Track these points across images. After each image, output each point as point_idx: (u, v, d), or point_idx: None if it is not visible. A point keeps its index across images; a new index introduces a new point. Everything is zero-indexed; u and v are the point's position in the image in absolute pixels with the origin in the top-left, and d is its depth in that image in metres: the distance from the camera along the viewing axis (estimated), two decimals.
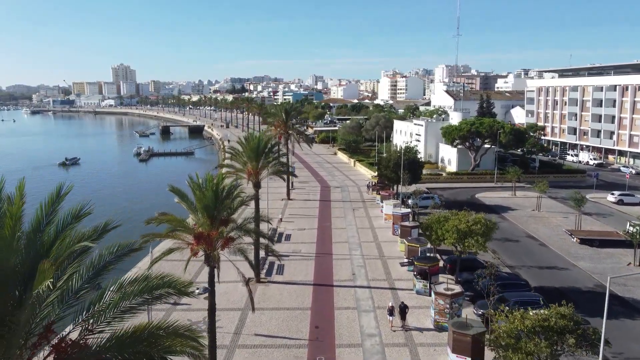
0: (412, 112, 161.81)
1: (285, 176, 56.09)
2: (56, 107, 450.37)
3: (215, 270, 22.73)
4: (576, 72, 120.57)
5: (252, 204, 37.23)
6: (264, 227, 42.78)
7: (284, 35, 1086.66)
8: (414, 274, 34.92)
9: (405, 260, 37.97)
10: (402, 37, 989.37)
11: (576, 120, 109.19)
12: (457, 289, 30.02)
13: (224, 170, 40.00)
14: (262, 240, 33.50)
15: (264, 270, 39.39)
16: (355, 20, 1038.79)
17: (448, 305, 29.04)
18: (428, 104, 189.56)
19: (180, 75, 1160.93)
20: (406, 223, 44.35)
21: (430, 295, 32.79)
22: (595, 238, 46.47)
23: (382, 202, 57.69)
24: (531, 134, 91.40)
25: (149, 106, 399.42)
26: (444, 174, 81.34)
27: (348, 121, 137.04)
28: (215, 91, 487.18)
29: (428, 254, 39.30)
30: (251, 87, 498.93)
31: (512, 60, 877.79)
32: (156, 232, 21.03)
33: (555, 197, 67.48)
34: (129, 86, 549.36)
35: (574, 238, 47.17)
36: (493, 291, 27.64)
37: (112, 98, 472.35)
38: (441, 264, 38.53)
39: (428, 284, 33.70)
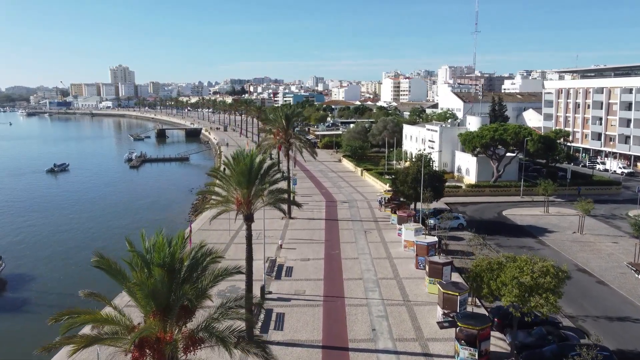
0: (418, 115, 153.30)
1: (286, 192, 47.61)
2: (53, 109, 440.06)
3: None
4: (600, 73, 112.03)
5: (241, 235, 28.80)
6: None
7: (284, 36, 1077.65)
8: (456, 338, 26.48)
9: (443, 317, 29.22)
10: (403, 39, 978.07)
11: (601, 124, 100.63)
12: None
13: (210, 196, 31.47)
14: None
15: (259, 323, 31.02)
16: (354, 22, 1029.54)
17: None
18: (435, 106, 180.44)
19: (180, 77, 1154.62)
20: (436, 258, 35.80)
21: None
22: None
23: (399, 224, 49.29)
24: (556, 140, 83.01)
25: (146, 108, 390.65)
26: (463, 187, 72.75)
27: (352, 125, 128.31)
28: (215, 92, 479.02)
29: (468, 303, 30.95)
30: (251, 89, 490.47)
31: (511, 62, 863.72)
32: (71, 338, 12.61)
33: (595, 215, 58.92)
34: (128, 88, 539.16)
35: (639, 275, 38.69)
36: None
37: (109, 100, 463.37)
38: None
39: (477, 353, 25.33)
